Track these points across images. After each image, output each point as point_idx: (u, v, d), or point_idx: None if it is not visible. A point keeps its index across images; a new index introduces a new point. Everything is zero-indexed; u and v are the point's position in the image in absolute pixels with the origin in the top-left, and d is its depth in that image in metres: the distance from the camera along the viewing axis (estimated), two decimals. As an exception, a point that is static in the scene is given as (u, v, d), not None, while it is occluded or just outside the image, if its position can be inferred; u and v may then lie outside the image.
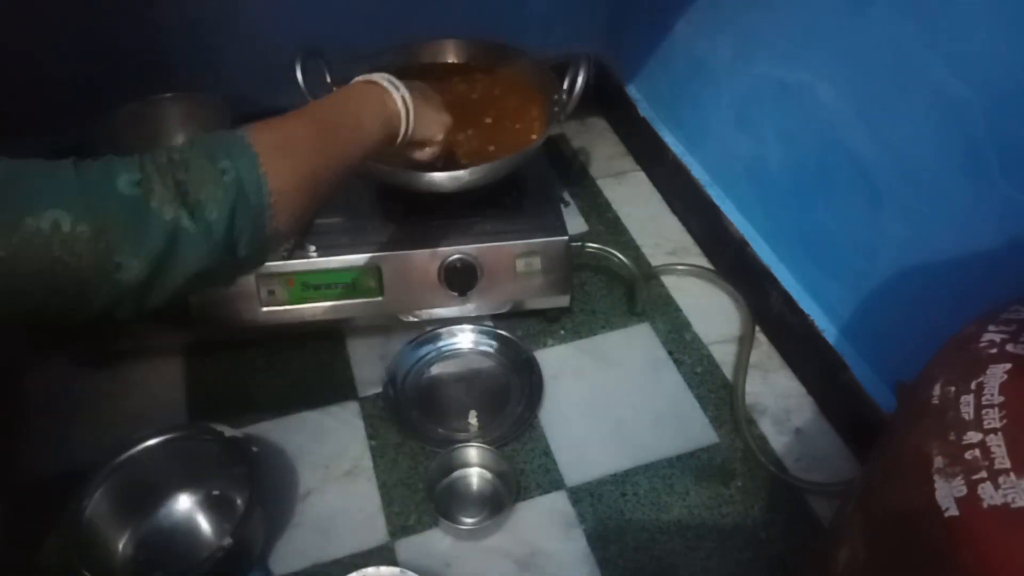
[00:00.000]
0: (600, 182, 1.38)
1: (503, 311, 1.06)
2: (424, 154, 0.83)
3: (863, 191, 0.88)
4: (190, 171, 0.55)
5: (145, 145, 1.07)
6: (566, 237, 1.00)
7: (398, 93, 0.73)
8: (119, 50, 1.17)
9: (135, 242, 0.52)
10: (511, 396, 1.02)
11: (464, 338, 1.08)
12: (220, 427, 0.87)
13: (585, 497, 0.92)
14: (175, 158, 0.56)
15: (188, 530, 0.87)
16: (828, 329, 0.99)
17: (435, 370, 1.06)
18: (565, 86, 0.99)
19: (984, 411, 0.47)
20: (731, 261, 1.16)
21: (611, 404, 1.02)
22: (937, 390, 0.51)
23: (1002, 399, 0.47)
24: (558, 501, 0.92)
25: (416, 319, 1.06)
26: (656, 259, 1.23)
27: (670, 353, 1.08)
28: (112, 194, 0.52)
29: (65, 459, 0.93)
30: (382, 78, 0.73)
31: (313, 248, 0.97)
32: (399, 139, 0.75)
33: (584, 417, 1.00)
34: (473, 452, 0.94)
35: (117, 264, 0.52)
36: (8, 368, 1.04)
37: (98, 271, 0.52)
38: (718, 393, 1.03)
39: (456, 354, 1.07)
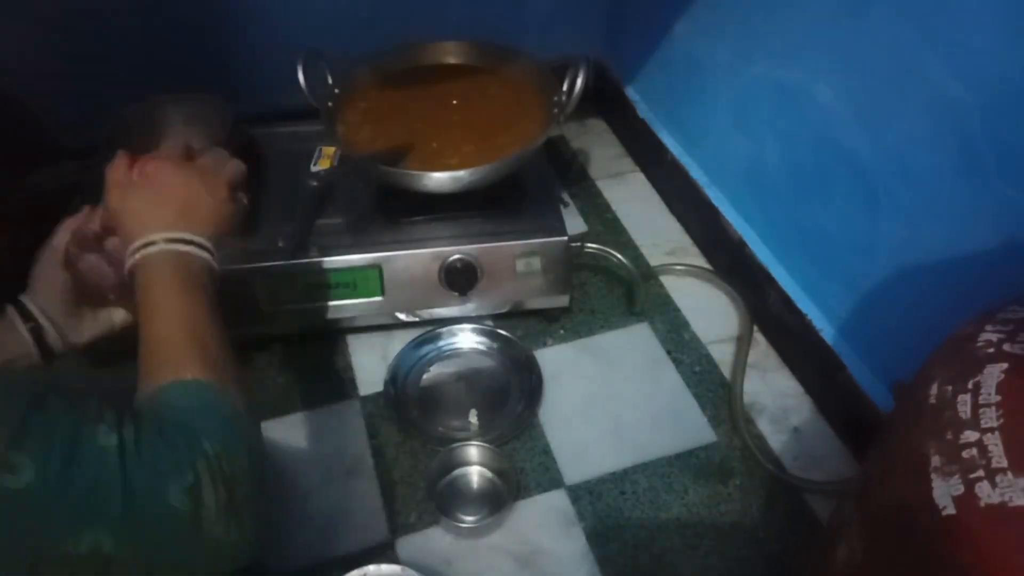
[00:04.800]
0: (599, 183, 1.38)
1: (503, 311, 1.07)
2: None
3: (861, 191, 0.89)
4: (237, 485, 0.50)
5: (147, 145, 1.08)
6: (566, 237, 1.01)
7: (196, 249, 0.64)
8: (122, 52, 1.17)
9: (181, 557, 0.48)
10: (511, 395, 1.03)
11: (464, 338, 1.08)
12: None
13: (584, 495, 0.92)
14: (223, 467, 0.50)
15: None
16: (826, 329, 0.99)
17: (435, 369, 1.06)
18: (564, 87, 0.99)
19: (981, 410, 0.47)
20: (729, 261, 1.17)
21: (610, 403, 1.02)
22: (934, 389, 0.52)
23: (999, 398, 0.47)
24: (558, 499, 0.92)
25: (416, 319, 1.06)
26: (655, 259, 1.23)
27: (669, 352, 1.09)
28: (162, 511, 0.46)
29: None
30: (177, 248, 0.63)
31: (314, 248, 0.97)
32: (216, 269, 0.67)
33: (583, 416, 1.01)
34: (473, 451, 0.94)
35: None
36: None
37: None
38: (716, 392, 1.04)
39: (456, 354, 1.08)
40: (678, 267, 1.21)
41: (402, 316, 1.05)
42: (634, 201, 1.34)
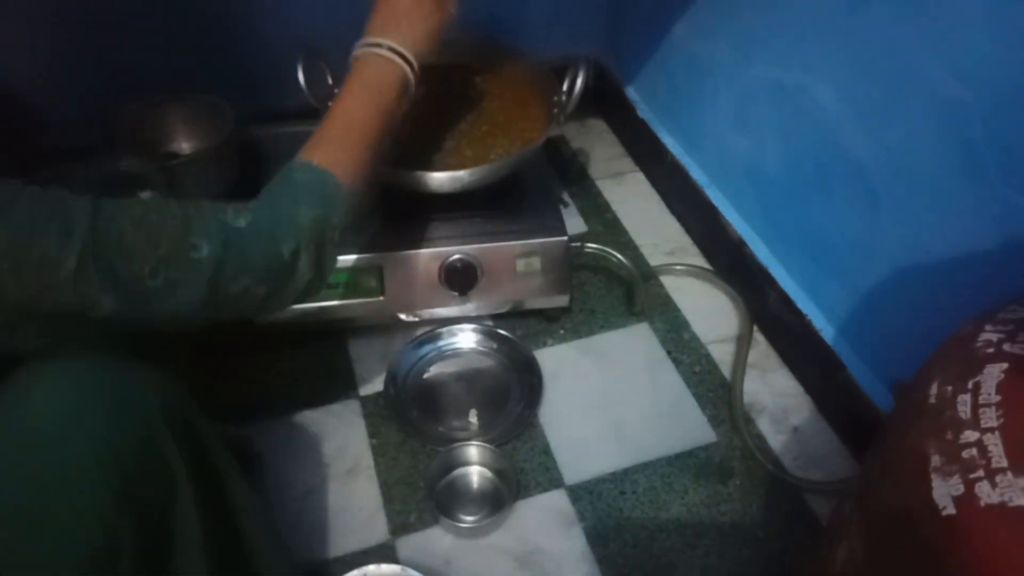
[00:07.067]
0: (599, 183, 1.38)
1: (503, 311, 1.07)
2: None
3: (861, 192, 0.89)
4: (324, 244, 0.70)
5: (147, 146, 1.08)
6: (566, 237, 1.01)
7: (399, 60, 0.77)
8: (122, 52, 1.17)
9: (282, 295, 0.70)
10: (511, 395, 1.03)
11: (464, 338, 1.09)
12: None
13: (584, 495, 0.92)
14: (319, 230, 0.69)
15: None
16: (826, 329, 0.99)
17: (435, 369, 1.06)
18: (564, 88, 0.99)
19: (981, 410, 0.47)
20: (729, 261, 1.17)
21: (610, 403, 1.02)
22: (934, 389, 0.52)
23: (999, 398, 0.47)
24: (558, 499, 0.92)
25: (417, 319, 1.06)
26: (655, 259, 1.23)
27: (669, 352, 1.09)
28: (280, 264, 0.67)
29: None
30: (384, 54, 0.76)
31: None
32: (412, 82, 0.79)
33: (583, 416, 1.01)
34: (473, 451, 0.94)
35: (266, 306, 0.70)
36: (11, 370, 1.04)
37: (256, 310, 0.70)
38: (716, 392, 1.04)
39: (456, 353, 1.08)
40: (678, 267, 1.21)
41: (402, 316, 1.05)
42: (634, 201, 1.34)
